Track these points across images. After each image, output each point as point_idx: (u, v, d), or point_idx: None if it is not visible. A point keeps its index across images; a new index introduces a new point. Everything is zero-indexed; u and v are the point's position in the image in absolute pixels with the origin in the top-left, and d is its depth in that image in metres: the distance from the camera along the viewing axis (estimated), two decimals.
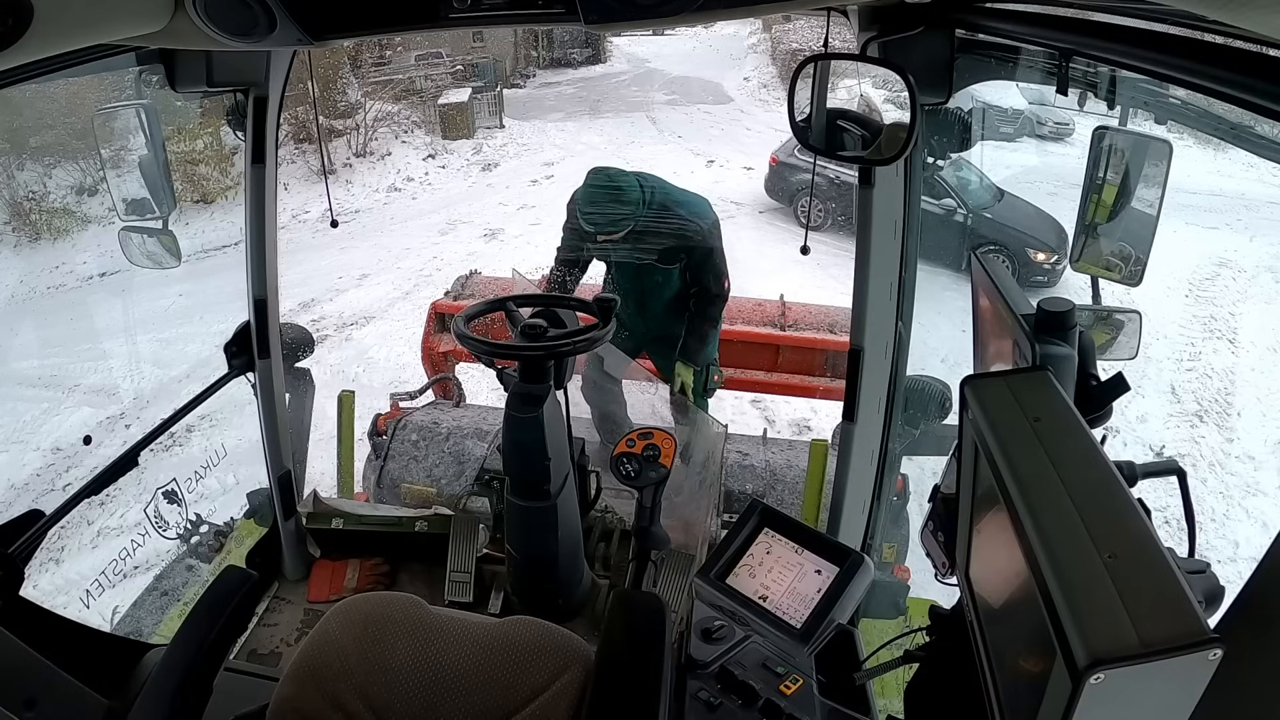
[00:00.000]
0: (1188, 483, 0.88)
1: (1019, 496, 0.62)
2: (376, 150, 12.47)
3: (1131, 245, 1.29)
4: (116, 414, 5.53)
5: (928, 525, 1.10)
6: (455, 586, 2.20)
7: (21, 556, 1.36)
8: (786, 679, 1.11)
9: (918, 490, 2.36)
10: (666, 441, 1.90)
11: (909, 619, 2.05)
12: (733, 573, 1.20)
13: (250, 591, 1.14)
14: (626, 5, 0.94)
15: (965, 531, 0.81)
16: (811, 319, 3.59)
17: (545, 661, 1.06)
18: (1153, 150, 1.25)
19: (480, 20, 1.18)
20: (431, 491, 2.77)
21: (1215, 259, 8.10)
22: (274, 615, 2.21)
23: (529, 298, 2.08)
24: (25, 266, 8.44)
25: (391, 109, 13.04)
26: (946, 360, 3.45)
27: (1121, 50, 0.92)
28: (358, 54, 13.06)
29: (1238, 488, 5.22)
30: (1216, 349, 6.79)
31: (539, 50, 17.61)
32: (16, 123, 9.01)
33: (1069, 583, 0.54)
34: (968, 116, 1.70)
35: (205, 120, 9.63)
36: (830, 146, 1.42)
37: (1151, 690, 0.51)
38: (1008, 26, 1.21)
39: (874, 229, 1.64)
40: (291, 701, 1.01)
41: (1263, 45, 0.68)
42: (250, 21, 1.02)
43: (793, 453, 3.00)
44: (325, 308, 7.28)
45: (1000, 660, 0.70)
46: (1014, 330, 0.96)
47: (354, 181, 11.66)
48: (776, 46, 16.70)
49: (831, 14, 1.42)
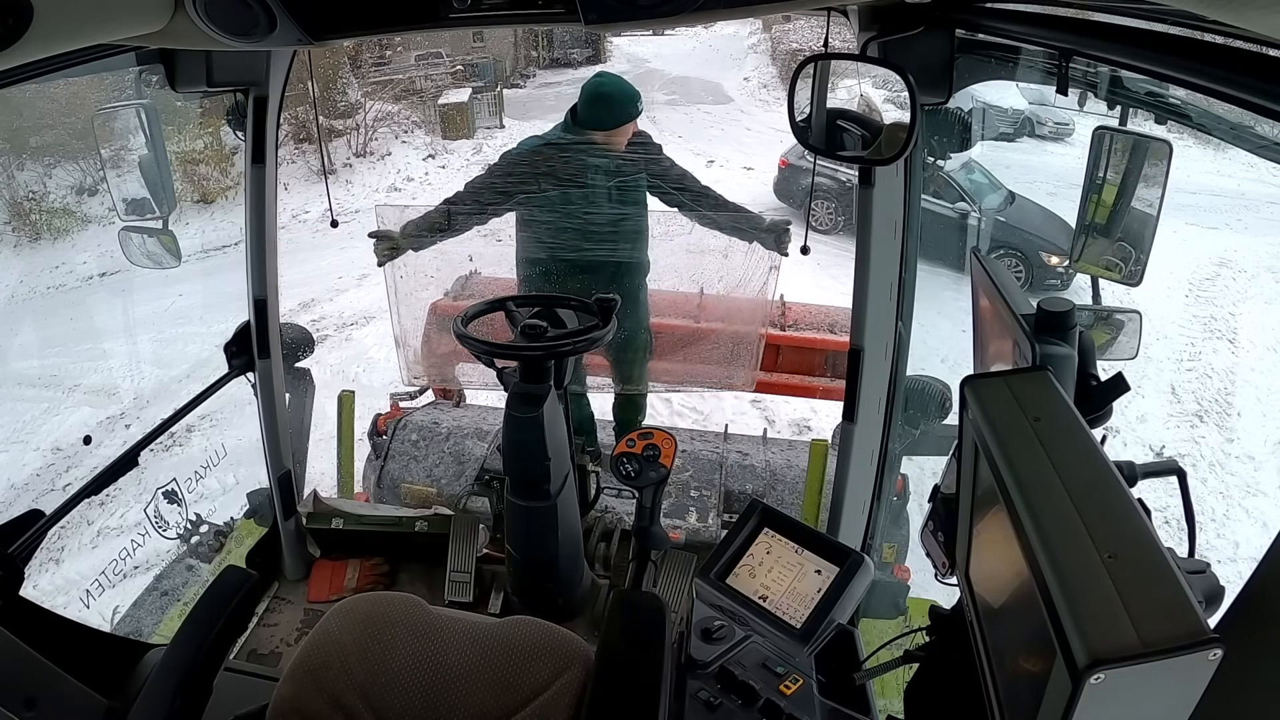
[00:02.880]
0: (1188, 483, 0.88)
1: (1019, 496, 0.62)
2: (376, 150, 12.47)
3: (1131, 245, 1.29)
4: (116, 414, 5.53)
5: (928, 525, 1.10)
6: (455, 586, 2.20)
7: (21, 556, 1.36)
8: (786, 679, 1.11)
9: (918, 490, 2.36)
10: (666, 442, 1.90)
11: (909, 619, 2.05)
12: (733, 573, 1.20)
13: (250, 591, 1.14)
14: (626, 5, 0.94)
15: (965, 531, 0.81)
16: (811, 319, 3.58)
17: (545, 661, 1.06)
18: (1153, 150, 1.25)
19: (480, 20, 1.18)
20: (431, 491, 2.77)
21: (1215, 259, 8.10)
22: (274, 615, 2.21)
23: (529, 298, 2.08)
24: (25, 266, 8.43)
25: (391, 109, 13.04)
26: (946, 360, 3.45)
27: (1121, 50, 0.92)
28: (358, 54, 13.05)
29: (1238, 488, 5.22)
30: (1216, 349, 6.79)
31: (539, 50, 17.62)
32: (16, 123, 9.01)
33: (1069, 583, 0.54)
34: (968, 116, 1.70)
35: (205, 120, 9.63)
36: (830, 146, 1.42)
37: (1151, 690, 0.51)
38: (1008, 26, 1.21)
39: (874, 229, 1.64)
40: (291, 701, 1.02)
41: (1263, 45, 0.68)
42: (250, 21, 1.02)
43: (793, 453, 3.00)
44: (325, 308, 7.28)
45: (1000, 660, 0.70)
46: (1014, 330, 0.96)
47: (354, 181, 11.66)
48: (776, 46, 16.70)
49: (831, 14, 1.42)
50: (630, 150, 2.57)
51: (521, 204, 2.55)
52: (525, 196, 2.53)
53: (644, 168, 2.59)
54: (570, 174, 2.51)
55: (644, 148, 2.60)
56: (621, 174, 2.55)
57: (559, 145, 2.52)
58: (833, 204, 8.74)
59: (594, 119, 2.50)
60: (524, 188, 2.51)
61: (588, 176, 2.52)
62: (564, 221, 2.56)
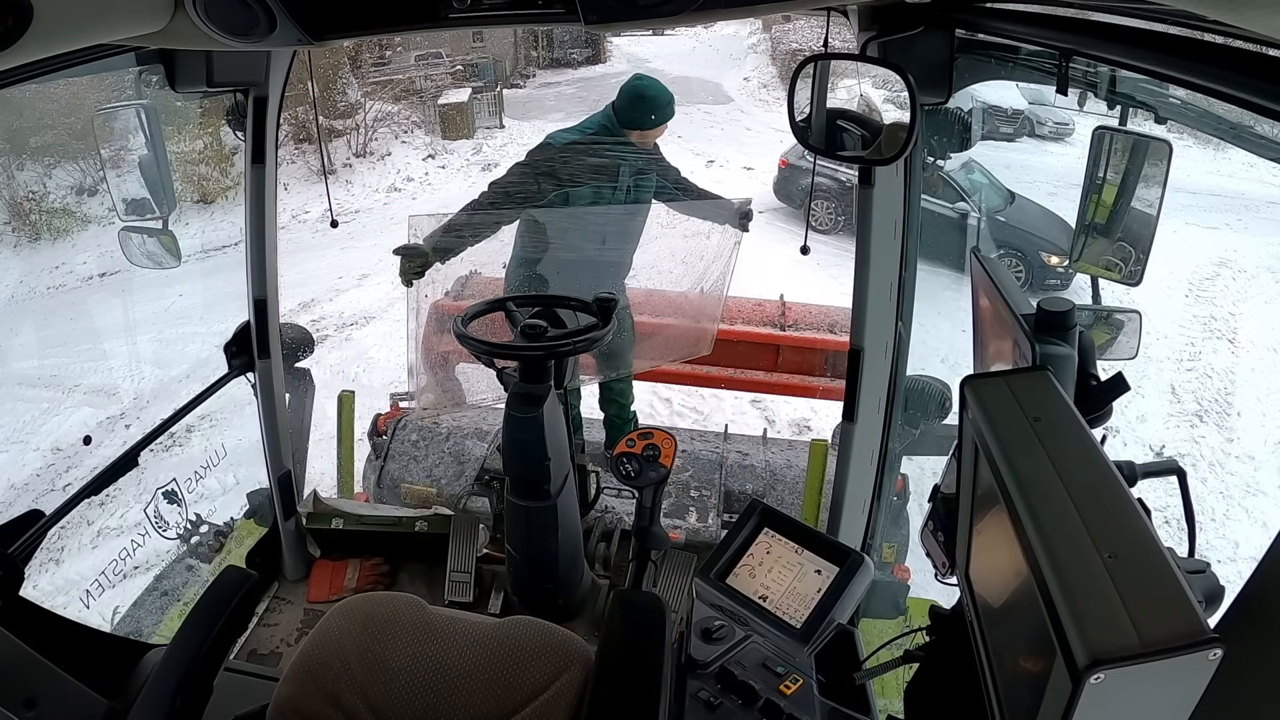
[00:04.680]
0: (1188, 483, 0.88)
1: (1019, 496, 0.62)
2: (376, 150, 12.46)
3: (1131, 245, 1.29)
4: (116, 414, 5.53)
5: (928, 525, 1.10)
6: (455, 586, 2.20)
7: (21, 556, 1.36)
8: (786, 679, 1.11)
9: (918, 490, 2.37)
10: (666, 441, 1.90)
11: (909, 619, 2.05)
12: (733, 573, 1.20)
13: (250, 591, 1.14)
14: (626, 5, 0.94)
15: (965, 531, 0.81)
16: (811, 319, 3.59)
17: (545, 661, 1.06)
18: (1153, 150, 1.25)
19: (480, 20, 1.18)
20: (431, 491, 2.77)
21: (1215, 259, 8.10)
22: (274, 615, 2.21)
23: (529, 298, 2.08)
24: (25, 266, 8.43)
25: (391, 109, 13.03)
26: (946, 360, 3.45)
27: (1121, 50, 0.92)
28: (358, 54, 13.04)
29: (1238, 488, 5.22)
30: (1216, 349, 6.79)
31: (539, 50, 17.61)
32: (16, 123, 9.00)
33: (1069, 583, 0.54)
34: (968, 116, 1.70)
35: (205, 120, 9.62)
36: (830, 146, 1.42)
37: (1151, 690, 0.51)
38: (1008, 26, 1.21)
39: (874, 229, 1.64)
40: (291, 701, 1.02)
41: (1263, 45, 0.68)
42: (250, 21, 1.02)
43: (793, 453, 3.01)
44: (325, 308, 7.27)
45: (1000, 660, 0.70)
46: (1014, 330, 0.96)
47: (354, 181, 11.65)
48: (776, 46, 16.69)
49: (831, 14, 1.42)
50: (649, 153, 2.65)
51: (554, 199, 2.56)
52: (559, 192, 2.55)
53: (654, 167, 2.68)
54: (606, 170, 2.58)
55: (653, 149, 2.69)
56: (644, 172, 2.64)
57: (597, 141, 2.58)
58: (833, 204, 8.73)
59: (637, 118, 2.57)
60: (558, 181, 2.54)
61: (619, 173, 2.59)
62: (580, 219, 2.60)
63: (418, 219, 2.38)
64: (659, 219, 2.73)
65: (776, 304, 3.65)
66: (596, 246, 2.64)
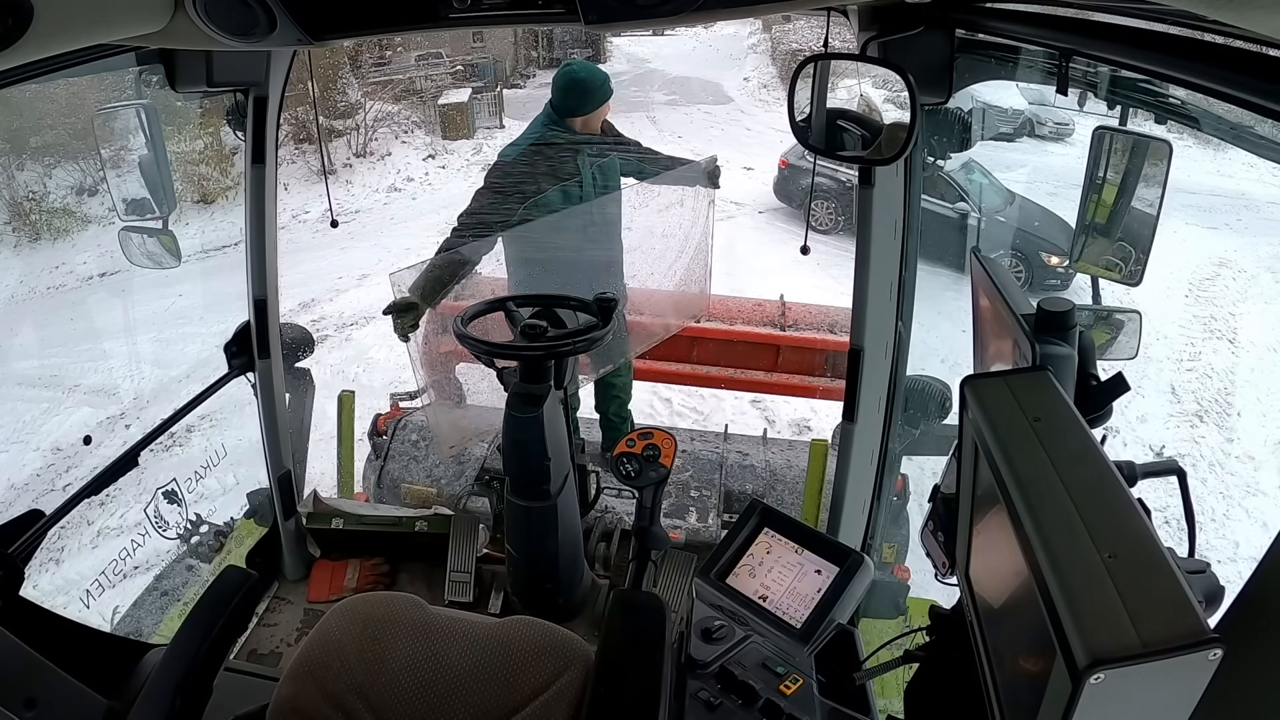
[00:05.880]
0: (1188, 483, 0.88)
1: (1019, 496, 0.62)
2: (376, 150, 12.45)
3: (1131, 245, 1.29)
4: (116, 414, 5.53)
5: (928, 525, 1.10)
6: (455, 586, 2.20)
7: (21, 556, 1.36)
8: (786, 679, 1.11)
9: (918, 490, 2.36)
10: (666, 441, 1.90)
11: (909, 619, 2.05)
12: (733, 573, 1.20)
13: (250, 591, 1.14)
14: (626, 5, 0.94)
15: (965, 531, 0.81)
16: (811, 319, 3.59)
17: (545, 661, 1.06)
18: (1153, 150, 1.25)
19: (480, 20, 1.18)
20: (431, 491, 2.77)
21: (1215, 259, 8.09)
22: (274, 615, 2.21)
23: (529, 298, 2.08)
24: (25, 266, 8.43)
25: (391, 109, 13.02)
26: (946, 360, 3.45)
27: (1121, 50, 0.92)
28: (358, 54, 13.03)
29: (1238, 488, 5.22)
30: (1216, 349, 6.79)
31: (539, 50, 17.60)
32: (16, 123, 9.00)
33: (1069, 583, 0.54)
34: (968, 116, 1.70)
35: (205, 120, 9.62)
36: (830, 146, 1.42)
37: (1151, 690, 0.51)
38: (1008, 26, 1.21)
39: (874, 229, 1.64)
40: (291, 701, 1.02)
41: (1263, 45, 0.68)
42: (250, 21, 1.02)
43: (793, 453, 3.01)
44: (325, 308, 7.27)
45: (1000, 660, 0.70)
46: (1014, 330, 0.96)
47: (354, 182, 11.65)
48: (776, 46, 16.69)
49: (831, 14, 1.42)
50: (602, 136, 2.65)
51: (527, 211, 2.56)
52: (530, 202, 2.54)
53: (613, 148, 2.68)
54: (566, 167, 2.57)
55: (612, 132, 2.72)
56: (605, 156, 2.63)
57: (548, 143, 2.56)
58: (833, 204, 8.72)
59: (573, 105, 2.55)
60: (524, 191, 2.52)
61: (579, 166, 2.58)
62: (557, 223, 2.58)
63: (398, 274, 2.34)
64: (631, 201, 2.74)
65: (776, 304, 3.65)
66: (582, 243, 2.64)
